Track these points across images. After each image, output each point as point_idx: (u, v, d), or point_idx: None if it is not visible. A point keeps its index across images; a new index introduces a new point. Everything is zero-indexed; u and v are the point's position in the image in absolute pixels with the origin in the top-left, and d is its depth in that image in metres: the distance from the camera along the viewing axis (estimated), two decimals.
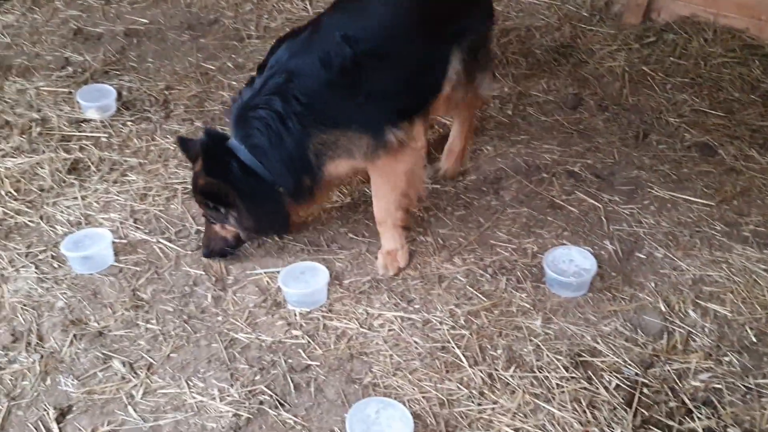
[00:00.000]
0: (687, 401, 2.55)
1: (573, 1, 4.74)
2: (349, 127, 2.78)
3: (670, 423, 2.48)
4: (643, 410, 2.52)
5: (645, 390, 2.58)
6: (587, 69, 4.25)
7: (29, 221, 3.21)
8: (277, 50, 2.80)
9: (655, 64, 4.27)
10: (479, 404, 2.54)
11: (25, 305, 2.85)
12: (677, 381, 2.61)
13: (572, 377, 2.63)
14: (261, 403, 2.53)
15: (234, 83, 4.09)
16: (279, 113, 2.69)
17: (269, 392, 2.57)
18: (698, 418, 2.50)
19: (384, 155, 2.84)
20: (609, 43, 4.43)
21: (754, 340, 2.76)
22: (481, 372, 2.64)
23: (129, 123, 3.82)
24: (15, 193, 3.35)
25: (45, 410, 2.49)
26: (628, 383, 2.60)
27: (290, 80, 2.70)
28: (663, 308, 2.88)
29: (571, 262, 3.01)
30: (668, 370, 2.65)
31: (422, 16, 2.92)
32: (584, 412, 2.51)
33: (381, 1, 2.92)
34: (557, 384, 2.60)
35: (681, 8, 4.57)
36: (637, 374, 2.63)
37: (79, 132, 3.73)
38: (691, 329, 2.80)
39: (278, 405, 2.53)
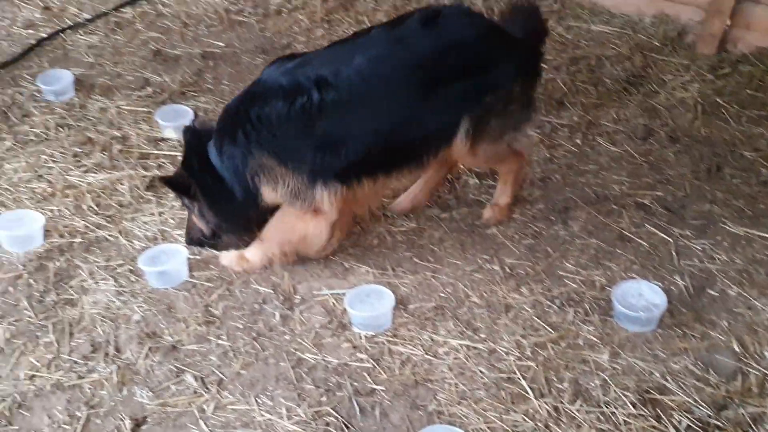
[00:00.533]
0: None
1: (645, 31, 4.69)
2: (285, 163, 2.87)
3: None
4: None
5: None
6: (658, 99, 4.20)
7: (109, 235, 3.35)
8: (270, 67, 2.97)
9: (730, 95, 4.18)
10: None
11: (103, 317, 2.96)
12: (753, 425, 2.54)
13: (640, 414, 2.58)
14: (327, 424, 2.57)
15: None
16: (235, 125, 2.89)
17: (335, 414, 2.60)
18: None
19: (300, 207, 2.95)
20: (681, 74, 4.37)
21: None
22: (547, 404, 2.62)
23: None
24: (96, 208, 3.49)
25: (121, 420, 2.58)
26: (700, 424, 2.54)
27: (256, 99, 2.88)
28: (737, 348, 2.81)
29: (641, 297, 2.97)
30: (743, 414, 2.57)
31: (419, 74, 2.88)
32: None
33: (369, 50, 2.87)
34: (624, 420, 2.56)
35: (758, 39, 4.47)
36: (709, 416, 2.57)
37: (157, 150, 3.87)
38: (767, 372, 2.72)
39: (344, 427, 2.56)
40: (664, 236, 3.33)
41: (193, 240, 3.22)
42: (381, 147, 2.93)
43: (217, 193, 2.99)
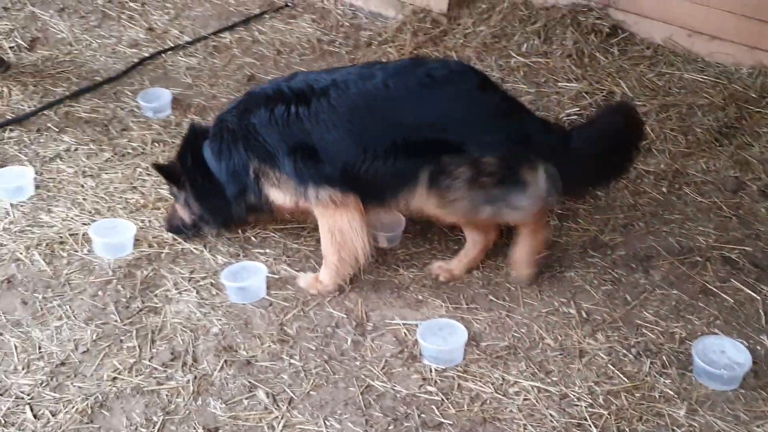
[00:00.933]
0: None
1: (741, 82, 4.56)
2: (276, 166, 3.07)
3: None
4: None
5: None
6: (752, 152, 4.07)
7: (194, 249, 3.47)
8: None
9: None
10: None
11: (184, 327, 3.07)
12: None
13: None
14: None
15: None
16: (232, 131, 3.15)
17: None
18: None
19: (315, 206, 3.08)
20: None
21: None
22: None
23: None
24: None
25: (194, 429, 2.66)
26: None
27: (248, 108, 3.14)
28: None
29: (723, 354, 2.88)
30: None
31: (372, 110, 2.99)
32: None
33: (341, 76, 3.05)
34: None
35: None
36: None
37: None
38: None
39: None
40: (751, 293, 3.21)
41: (172, 227, 3.46)
42: (345, 168, 3.00)
43: (203, 187, 3.27)
